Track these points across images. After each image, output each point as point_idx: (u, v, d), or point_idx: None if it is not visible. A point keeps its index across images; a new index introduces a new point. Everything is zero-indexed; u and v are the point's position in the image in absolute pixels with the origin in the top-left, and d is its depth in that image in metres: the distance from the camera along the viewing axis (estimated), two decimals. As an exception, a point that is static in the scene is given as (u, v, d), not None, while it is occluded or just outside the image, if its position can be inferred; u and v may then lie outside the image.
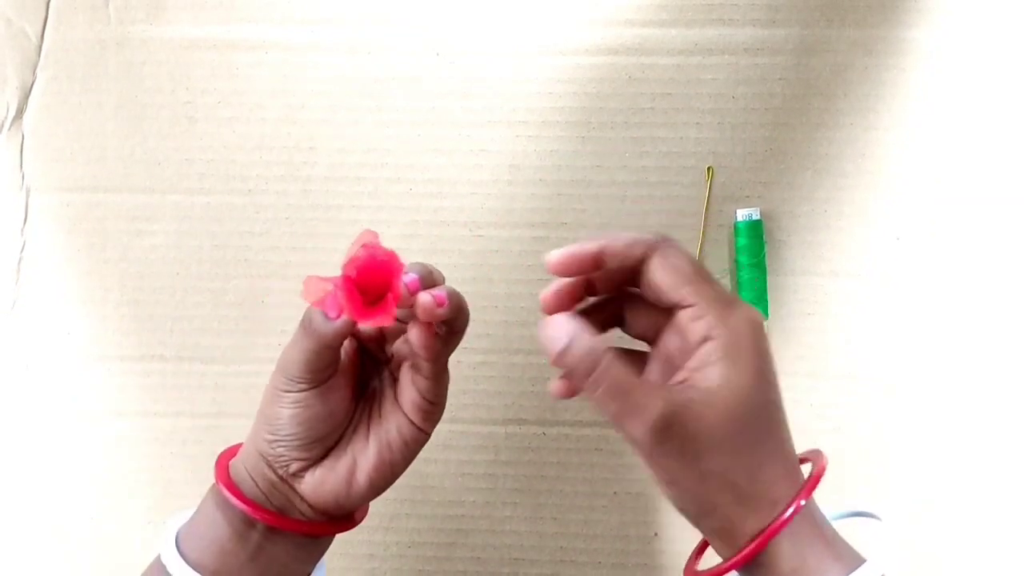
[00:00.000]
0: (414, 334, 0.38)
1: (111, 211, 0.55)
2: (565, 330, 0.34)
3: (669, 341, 0.37)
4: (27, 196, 0.55)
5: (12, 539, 0.56)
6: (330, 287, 0.37)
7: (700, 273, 0.35)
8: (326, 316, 0.37)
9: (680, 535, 0.55)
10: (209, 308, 0.55)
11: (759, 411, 0.34)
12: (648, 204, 0.53)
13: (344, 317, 0.37)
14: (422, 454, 0.55)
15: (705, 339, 0.34)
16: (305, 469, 0.39)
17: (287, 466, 0.39)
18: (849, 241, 0.53)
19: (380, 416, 0.41)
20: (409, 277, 0.38)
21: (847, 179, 0.53)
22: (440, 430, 0.55)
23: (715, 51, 0.52)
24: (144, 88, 0.54)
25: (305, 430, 0.39)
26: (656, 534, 0.55)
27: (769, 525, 0.34)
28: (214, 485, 0.40)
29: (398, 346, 0.41)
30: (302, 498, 0.40)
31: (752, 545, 0.34)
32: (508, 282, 0.54)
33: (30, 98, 0.54)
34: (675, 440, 0.33)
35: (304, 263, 0.54)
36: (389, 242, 0.54)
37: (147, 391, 0.55)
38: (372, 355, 0.42)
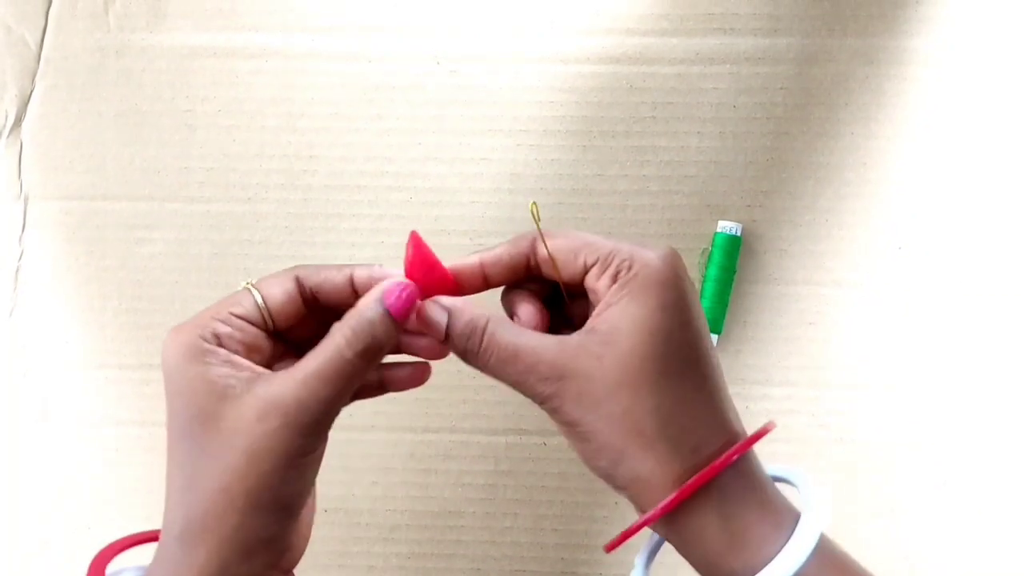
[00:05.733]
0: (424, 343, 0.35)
1: (110, 219, 0.55)
2: (443, 307, 0.34)
3: (586, 306, 0.34)
4: (26, 204, 0.55)
5: (7, 547, 0.55)
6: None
7: (593, 235, 0.33)
8: (392, 319, 0.32)
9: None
10: (208, 317, 0.55)
11: (669, 346, 0.31)
12: (649, 213, 0.53)
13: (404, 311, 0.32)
14: (422, 464, 0.55)
15: (611, 285, 0.32)
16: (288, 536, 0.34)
17: (277, 541, 0.32)
18: (851, 250, 0.53)
19: None
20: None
21: (849, 188, 0.53)
22: (440, 440, 0.55)
23: (716, 60, 0.52)
24: (144, 96, 0.54)
25: (309, 496, 0.34)
26: (657, 545, 0.54)
27: (691, 478, 0.30)
28: None
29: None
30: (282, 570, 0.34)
31: (668, 499, 0.30)
32: (509, 291, 0.54)
33: (29, 106, 0.54)
34: (573, 388, 0.31)
35: (304, 272, 0.54)
36: (389, 251, 0.54)
37: (145, 399, 0.55)
38: None
